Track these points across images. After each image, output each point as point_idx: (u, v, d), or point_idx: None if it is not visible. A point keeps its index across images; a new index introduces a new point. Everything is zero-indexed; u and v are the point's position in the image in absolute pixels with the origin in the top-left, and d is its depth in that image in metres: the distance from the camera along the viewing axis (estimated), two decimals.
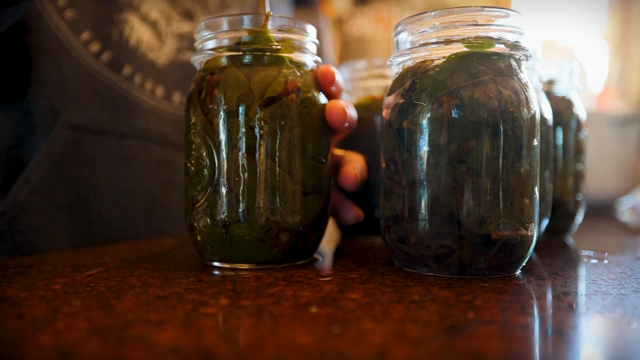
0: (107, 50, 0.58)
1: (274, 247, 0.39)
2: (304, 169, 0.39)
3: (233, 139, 0.38)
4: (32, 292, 0.32)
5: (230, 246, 0.39)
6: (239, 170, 0.38)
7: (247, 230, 0.38)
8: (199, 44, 0.41)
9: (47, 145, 0.53)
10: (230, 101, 0.38)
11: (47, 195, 0.54)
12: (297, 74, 0.39)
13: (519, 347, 0.24)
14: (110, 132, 0.58)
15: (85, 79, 0.56)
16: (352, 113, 0.43)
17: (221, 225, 0.38)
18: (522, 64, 0.37)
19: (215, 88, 0.38)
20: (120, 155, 0.59)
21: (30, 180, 0.52)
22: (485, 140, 0.34)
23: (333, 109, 0.41)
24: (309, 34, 0.41)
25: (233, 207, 0.38)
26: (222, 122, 0.38)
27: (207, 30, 0.40)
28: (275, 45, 0.39)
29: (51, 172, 0.54)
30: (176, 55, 0.65)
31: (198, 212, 0.39)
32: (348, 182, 0.45)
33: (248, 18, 0.39)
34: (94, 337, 0.24)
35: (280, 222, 0.38)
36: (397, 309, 0.29)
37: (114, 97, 0.58)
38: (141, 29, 0.61)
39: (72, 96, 0.55)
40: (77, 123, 0.55)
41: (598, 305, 0.30)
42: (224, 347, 0.23)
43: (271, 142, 0.38)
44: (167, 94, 0.64)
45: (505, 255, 0.35)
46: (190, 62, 0.42)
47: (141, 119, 0.61)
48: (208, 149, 0.39)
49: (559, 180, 0.54)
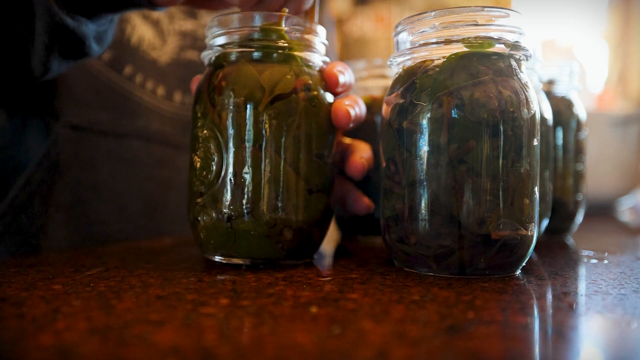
0: (109, 49, 0.57)
1: (277, 244, 0.39)
2: (310, 166, 0.39)
3: (241, 134, 0.38)
4: (32, 292, 0.32)
5: (234, 240, 0.39)
6: (246, 165, 0.38)
7: (252, 225, 0.38)
8: (210, 40, 0.41)
9: (47, 146, 0.53)
10: (240, 96, 0.38)
11: (47, 197, 0.53)
12: (306, 72, 0.40)
13: (519, 347, 0.24)
14: (110, 133, 0.58)
15: (85, 78, 0.56)
16: (359, 111, 0.43)
17: (226, 219, 0.38)
18: (522, 64, 0.37)
19: (226, 82, 0.39)
20: (120, 156, 0.59)
21: (30, 181, 0.52)
22: (485, 140, 0.34)
23: (339, 110, 0.41)
24: (319, 34, 0.42)
25: (238, 201, 0.38)
26: (231, 116, 0.38)
27: (219, 27, 0.40)
28: (285, 42, 0.39)
29: (51, 173, 0.53)
30: (178, 53, 0.64)
31: (203, 206, 0.39)
32: (356, 170, 0.44)
33: (259, 15, 0.40)
34: (94, 337, 0.24)
35: (284, 219, 0.39)
36: (397, 309, 0.29)
37: (114, 96, 0.58)
38: (143, 27, 0.61)
39: (72, 96, 0.55)
40: (78, 123, 0.55)
41: (598, 305, 0.30)
42: (224, 347, 0.23)
43: (278, 139, 0.38)
44: (169, 93, 0.64)
45: (505, 255, 0.35)
46: (193, 60, 0.43)
47: (142, 119, 0.61)
48: (216, 143, 0.39)
49: (559, 180, 0.54)
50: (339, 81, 0.42)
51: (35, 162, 0.53)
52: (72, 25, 0.43)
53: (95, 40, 0.46)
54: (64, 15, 0.42)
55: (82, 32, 0.44)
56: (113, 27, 0.48)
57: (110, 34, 0.48)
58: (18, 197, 0.52)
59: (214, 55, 0.41)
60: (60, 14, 0.42)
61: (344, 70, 0.42)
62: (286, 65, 0.39)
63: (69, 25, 0.43)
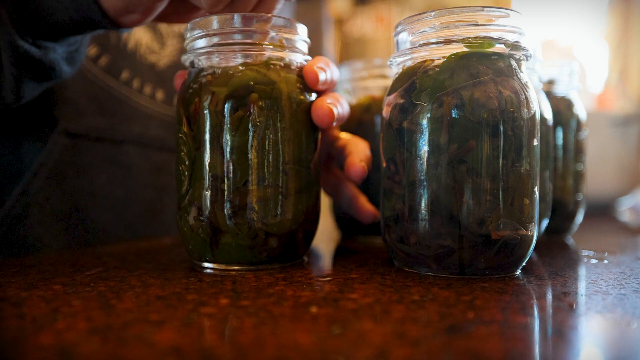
0: (105, 54, 0.57)
1: (262, 253, 0.38)
2: (285, 171, 0.38)
3: (212, 141, 0.37)
4: (32, 292, 0.32)
5: (214, 250, 0.38)
6: (218, 171, 0.37)
7: (232, 238, 0.38)
8: (188, 43, 0.40)
9: (44, 154, 0.52)
10: (209, 101, 0.37)
11: (44, 206, 0.53)
12: (281, 74, 0.38)
13: (519, 347, 0.24)
14: (107, 139, 0.57)
15: (82, 84, 0.55)
16: (341, 111, 0.41)
17: (203, 228, 0.38)
18: (522, 64, 0.37)
19: (198, 86, 0.38)
20: (117, 162, 0.58)
21: (27, 190, 0.52)
22: (485, 140, 0.34)
23: (319, 109, 0.39)
24: (299, 33, 0.40)
25: (217, 211, 0.37)
26: (201, 122, 0.37)
27: (197, 29, 0.39)
28: (265, 44, 0.38)
29: (48, 181, 0.53)
30: (178, 56, 0.64)
31: (183, 214, 0.39)
32: (355, 175, 0.43)
33: (238, 17, 0.38)
34: (94, 337, 0.24)
35: (264, 228, 0.38)
36: (397, 309, 0.29)
37: (111, 102, 0.57)
38: (140, 31, 0.61)
39: (69, 103, 0.54)
40: (75, 130, 0.54)
41: (598, 305, 0.30)
42: (224, 347, 0.23)
43: (250, 144, 0.37)
44: (169, 97, 0.63)
45: (505, 255, 0.35)
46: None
47: (139, 125, 0.60)
48: (188, 149, 0.38)
49: (559, 180, 0.54)
50: (318, 79, 0.40)
51: (31, 170, 0.52)
52: (38, 55, 0.42)
53: (67, 61, 0.45)
54: (29, 45, 0.41)
55: (50, 60, 0.43)
56: (86, 43, 0.47)
57: (82, 51, 0.47)
58: (15, 207, 0.51)
59: (192, 58, 0.39)
60: (24, 46, 0.41)
61: (325, 67, 0.41)
62: (260, 67, 0.38)
63: (35, 55, 0.42)
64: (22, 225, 0.52)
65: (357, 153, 0.45)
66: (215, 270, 0.38)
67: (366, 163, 0.44)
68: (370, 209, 0.47)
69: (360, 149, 0.46)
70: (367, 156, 0.45)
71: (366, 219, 0.47)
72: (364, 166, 0.44)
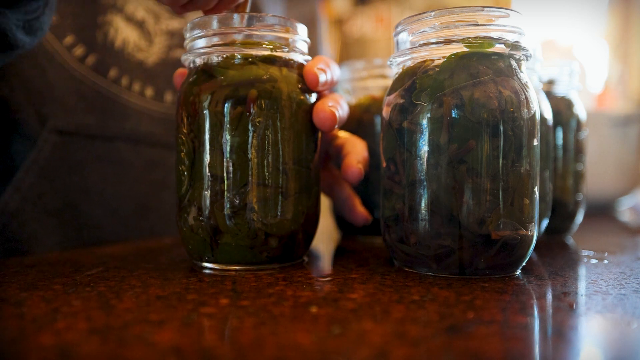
0: (92, 53, 0.57)
1: (262, 253, 0.38)
2: (285, 171, 0.38)
3: (212, 141, 0.37)
4: (32, 292, 0.32)
5: (214, 250, 0.38)
6: (218, 172, 0.37)
7: (232, 238, 0.37)
8: (188, 43, 0.40)
9: (35, 152, 0.53)
10: (210, 100, 0.37)
11: (37, 202, 0.53)
12: (281, 74, 0.38)
13: (519, 347, 0.24)
14: (98, 136, 0.57)
15: (70, 83, 0.55)
16: (342, 113, 0.41)
17: (203, 228, 0.38)
18: (522, 64, 0.37)
19: (199, 87, 0.38)
20: (109, 159, 0.58)
21: (20, 187, 0.52)
22: (485, 140, 0.34)
23: (321, 112, 0.39)
24: (299, 33, 0.40)
25: (217, 211, 0.37)
26: (201, 122, 0.37)
27: (197, 29, 0.39)
28: (265, 44, 0.38)
29: (40, 178, 0.53)
30: (167, 53, 0.64)
31: (183, 214, 0.39)
32: (352, 177, 0.43)
33: (217, 18, 0.38)
34: (94, 337, 0.24)
35: (264, 228, 0.38)
36: (397, 309, 0.29)
37: (101, 100, 0.58)
38: (127, 29, 0.61)
39: (58, 101, 0.54)
40: (65, 128, 0.55)
41: (598, 305, 0.30)
42: (224, 347, 0.23)
43: (250, 144, 0.37)
44: (158, 93, 0.63)
45: (505, 255, 0.35)
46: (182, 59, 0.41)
47: (130, 121, 0.60)
48: (188, 150, 0.38)
49: (559, 180, 0.54)
50: (319, 80, 0.39)
51: (23, 168, 0.52)
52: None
53: (24, 30, 0.42)
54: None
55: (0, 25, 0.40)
56: (50, 12, 0.43)
57: (46, 20, 0.43)
58: (8, 204, 0.51)
59: (194, 59, 0.39)
60: None
61: (325, 68, 0.40)
62: (260, 66, 0.38)
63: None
64: (16, 222, 0.52)
65: (354, 154, 0.45)
66: (215, 270, 0.38)
67: (363, 165, 0.44)
68: (363, 212, 0.47)
69: (358, 149, 0.45)
70: (365, 157, 0.45)
71: (358, 222, 0.48)
72: (361, 168, 0.44)
